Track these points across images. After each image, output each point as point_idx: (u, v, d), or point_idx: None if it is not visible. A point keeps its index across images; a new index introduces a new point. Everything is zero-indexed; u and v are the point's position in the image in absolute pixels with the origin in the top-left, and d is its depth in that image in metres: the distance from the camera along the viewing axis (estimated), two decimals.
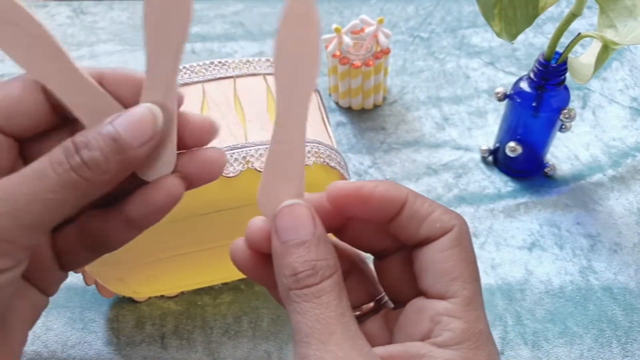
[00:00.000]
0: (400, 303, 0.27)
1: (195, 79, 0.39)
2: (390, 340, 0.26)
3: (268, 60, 0.41)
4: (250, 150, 0.35)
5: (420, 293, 0.25)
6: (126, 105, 0.25)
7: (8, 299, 0.25)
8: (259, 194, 0.25)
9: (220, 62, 0.40)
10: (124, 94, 0.25)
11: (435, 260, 0.25)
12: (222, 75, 0.39)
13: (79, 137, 0.23)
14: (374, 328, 0.27)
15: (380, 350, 0.23)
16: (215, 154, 0.27)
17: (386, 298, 0.28)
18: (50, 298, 0.45)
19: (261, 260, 0.26)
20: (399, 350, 0.23)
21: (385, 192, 0.25)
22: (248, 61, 0.40)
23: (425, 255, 0.25)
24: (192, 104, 0.38)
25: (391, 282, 0.27)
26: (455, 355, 0.23)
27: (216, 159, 0.27)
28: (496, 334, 0.42)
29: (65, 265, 0.27)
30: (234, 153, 0.35)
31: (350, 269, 0.27)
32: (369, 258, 0.28)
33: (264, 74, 0.40)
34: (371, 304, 0.27)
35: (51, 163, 0.23)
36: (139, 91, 0.25)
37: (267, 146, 0.35)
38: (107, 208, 0.26)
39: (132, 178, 0.26)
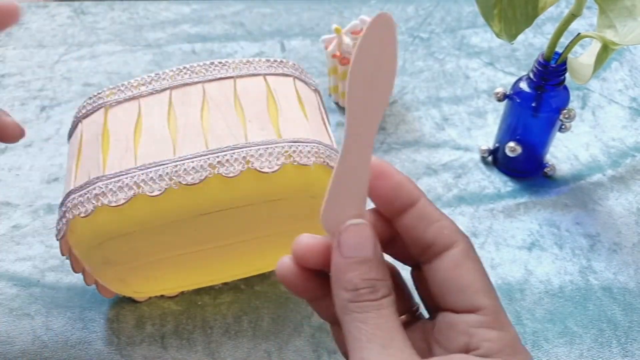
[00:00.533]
0: (437, 311, 0.28)
1: (196, 79, 0.39)
2: (428, 352, 0.27)
3: (268, 60, 0.41)
4: (250, 150, 0.35)
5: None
6: None
7: None
8: (323, 210, 0.26)
9: (220, 63, 0.40)
10: None
11: (453, 277, 0.26)
12: (223, 76, 0.39)
13: None
14: (413, 339, 0.27)
15: None
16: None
17: (420, 310, 0.29)
18: (51, 298, 0.45)
19: (307, 276, 0.27)
20: None
21: (405, 180, 0.27)
22: (248, 61, 0.40)
23: (441, 272, 0.26)
24: (193, 104, 0.38)
25: (428, 290, 0.28)
26: None
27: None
28: None
29: None
30: (234, 153, 0.35)
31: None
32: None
33: (264, 74, 0.40)
34: (403, 317, 0.29)
35: None
36: None
37: (267, 146, 0.35)
38: None
39: None
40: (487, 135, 0.56)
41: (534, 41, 0.67)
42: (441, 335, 0.26)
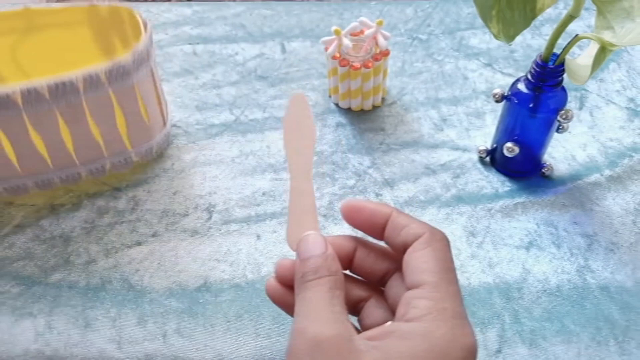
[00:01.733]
0: None
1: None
2: None
3: None
4: None
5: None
6: None
7: None
8: (287, 235, 0.34)
9: None
10: None
11: (411, 260, 0.31)
12: None
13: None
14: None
15: (366, 333, 0.29)
16: None
17: None
18: (53, 297, 0.45)
19: (289, 292, 0.34)
20: (377, 331, 0.29)
21: (375, 207, 0.33)
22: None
23: (406, 259, 0.31)
24: None
25: (394, 300, 0.33)
26: (418, 326, 0.28)
27: None
28: (494, 332, 0.43)
29: None
30: None
31: (369, 295, 0.35)
32: None
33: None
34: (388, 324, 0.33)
35: None
36: None
37: None
38: None
39: None
40: (485, 136, 0.57)
41: (532, 42, 0.67)
42: (395, 310, 0.31)
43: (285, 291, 0.34)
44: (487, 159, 0.55)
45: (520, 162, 0.52)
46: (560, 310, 0.44)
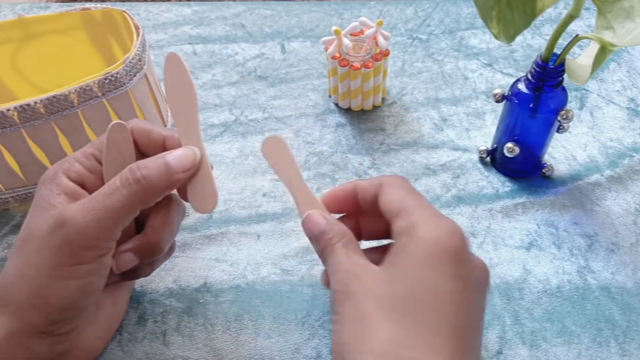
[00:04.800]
0: None
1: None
2: None
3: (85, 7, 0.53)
4: None
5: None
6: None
7: (98, 283, 0.35)
8: (188, 194, 0.37)
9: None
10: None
11: (386, 195, 0.35)
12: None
13: (141, 162, 0.34)
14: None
15: (384, 263, 0.32)
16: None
17: None
18: None
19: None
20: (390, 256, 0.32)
21: (353, 187, 0.38)
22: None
23: (382, 198, 0.36)
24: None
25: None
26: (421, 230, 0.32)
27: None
28: (494, 333, 0.43)
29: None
30: None
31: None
32: None
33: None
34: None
35: (121, 181, 0.33)
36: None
37: None
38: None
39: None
40: (485, 136, 0.57)
41: (532, 42, 0.67)
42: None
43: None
44: (488, 159, 0.55)
45: (520, 162, 0.52)
46: (560, 311, 0.44)
